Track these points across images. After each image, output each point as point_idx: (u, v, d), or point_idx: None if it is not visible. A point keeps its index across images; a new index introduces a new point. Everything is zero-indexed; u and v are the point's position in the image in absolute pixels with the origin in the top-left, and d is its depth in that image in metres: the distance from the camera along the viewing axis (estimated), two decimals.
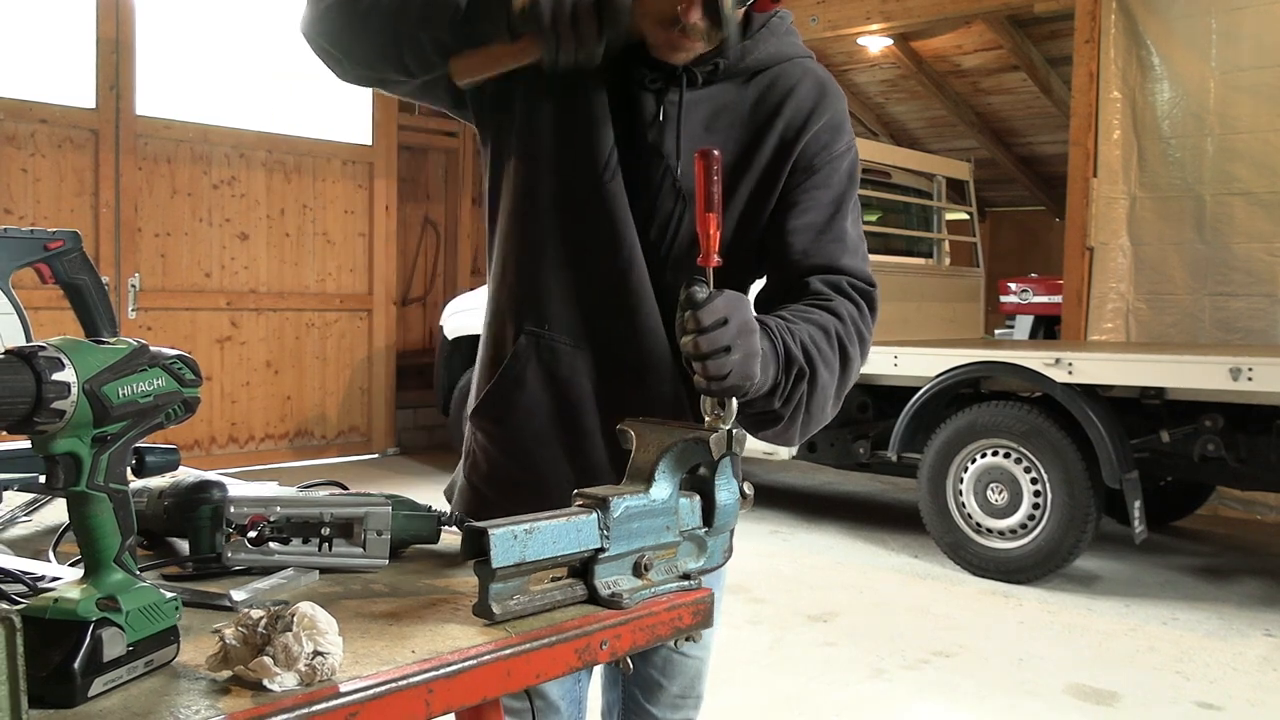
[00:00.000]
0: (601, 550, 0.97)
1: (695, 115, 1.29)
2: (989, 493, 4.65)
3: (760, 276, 1.36)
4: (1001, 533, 4.61)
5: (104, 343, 0.78)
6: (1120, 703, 3.23)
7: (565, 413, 1.33)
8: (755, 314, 1.15)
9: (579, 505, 0.99)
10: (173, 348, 0.85)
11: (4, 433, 0.75)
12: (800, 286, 1.28)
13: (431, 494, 1.49)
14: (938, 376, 4.81)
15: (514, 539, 0.91)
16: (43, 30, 6.16)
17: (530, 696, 1.27)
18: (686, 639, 1.04)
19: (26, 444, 1.18)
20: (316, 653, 0.76)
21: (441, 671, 0.82)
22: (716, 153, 1.06)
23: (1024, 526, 4.54)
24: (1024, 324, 10.54)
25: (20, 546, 1.16)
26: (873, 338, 1.31)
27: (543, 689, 1.37)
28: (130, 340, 0.80)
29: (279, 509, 1.05)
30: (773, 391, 1.15)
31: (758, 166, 1.30)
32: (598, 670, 1.60)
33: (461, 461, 1.47)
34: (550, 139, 1.31)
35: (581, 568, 0.99)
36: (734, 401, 1.07)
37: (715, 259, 1.07)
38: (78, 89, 6.21)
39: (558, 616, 0.95)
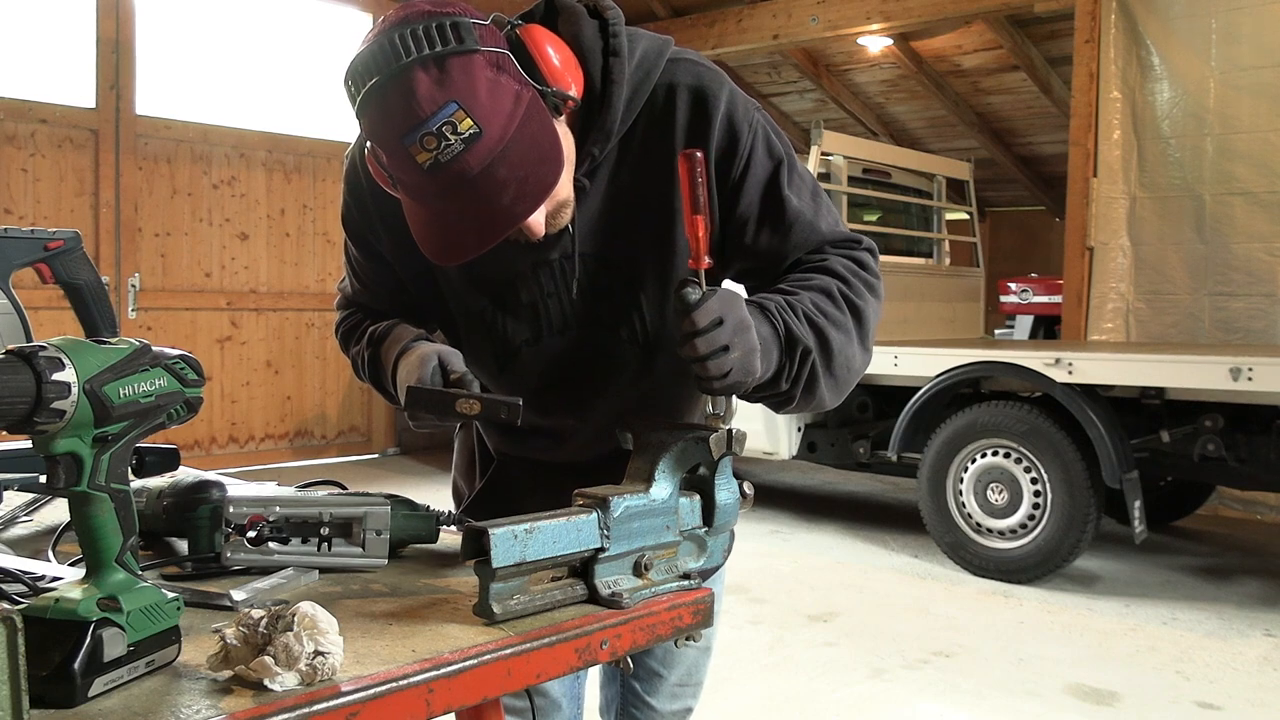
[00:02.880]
0: (601, 550, 0.97)
1: (592, 202, 1.24)
2: (989, 493, 4.65)
3: (729, 273, 1.33)
4: (1001, 533, 4.61)
5: (106, 343, 0.77)
6: (1120, 703, 3.23)
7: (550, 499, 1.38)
8: (756, 294, 1.16)
9: (579, 505, 0.99)
10: (174, 348, 0.85)
11: (4, 433, 0.75)
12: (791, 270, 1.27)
13: (431, 494, 1.50)
14: (938, 376, 4.81)
15: (514, 539, 0.91)
16: (43, 30, 6.16)
17: (531, 696, 1.27)
18: (687, 639, 1.04)
19: (27, 444, 1.18)
20: (317, 652, 0.76)
21: (442, 671, 0.82)
22: (699, 154, 1.05)
23: (1024, 526, 4.54)
24: (1024, 324, 10.54)
25: (20, 546, 1.16)
26: (882, 284, 1.28)
27: (544, 687, 1.37)
28: (132, 340, 0.80)
29: (278, 509, 1.05)
30: (778, 376, 1.14)
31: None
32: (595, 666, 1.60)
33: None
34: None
35: (581, 567, 0.99)
36: (734, 401, 1.07)
37: (706, 260, 1.06)
38: (78, 89, 6.21)
39: (558, 616, 0.95)
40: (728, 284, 1.18)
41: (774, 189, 1.25)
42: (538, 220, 1.10)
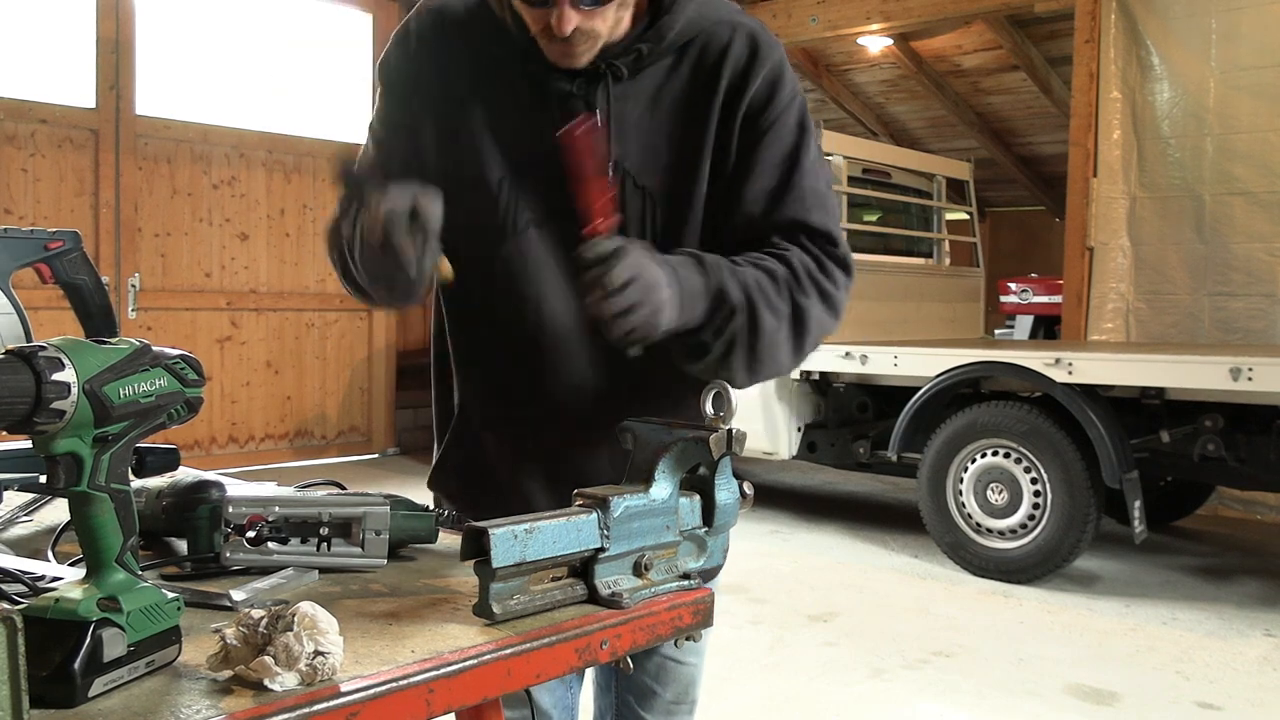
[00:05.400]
0: (601, 550, 0.97)
1: (634, 107, 1.26)
2: (989, 493, 4.65)
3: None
4: (1001, 533, 4.61)
5: (106, 343, 0.77)
6: (1120, 702, 3.23)
7: (516, 470, 1.35)
8: (697, 251, 1.18)
9: (579, 505, 0.99)
10: (174, 348, 0.85)
11: (4, 432, 0.75)
12: (761, 245, 1.27)
13: (431, 494, 1.49)
14: (938, 376, 4.81)
15: (514, 539, 0.91)
16: (43, 30, 6.16)
17: (531, 700, 1.27)
18: (687, 639, 1.04)
19: (27, 444, 1.18)
20: (317, 652, 0.76)
21: (442, 671, 0.82)
22: (587, 121, 1.11)
23: (1024, 526, 4.54)
24: (1024, 324, 10.55)
25: (20, 546, 1.16)
26: (845, 296, 1.27)
27: (534, 696, 1.37)
28: (132, 340, 0.80)
29: (277, 509, 1.05)
30: (700, 326, 1.16)
31: (709, 138, 1.27)
32: (589, 677, 1.59)
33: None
34: (453, 216, 1.17)
35: (581, 567, 0.99)
36: (734, 401, 1.06)
37: (601, 225, 1.11)
38: (78, 89, 6.21)
39: (558, 616, 0.95)
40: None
41: (793, 156, 1.28)
42: (570, 14, 1.14)
